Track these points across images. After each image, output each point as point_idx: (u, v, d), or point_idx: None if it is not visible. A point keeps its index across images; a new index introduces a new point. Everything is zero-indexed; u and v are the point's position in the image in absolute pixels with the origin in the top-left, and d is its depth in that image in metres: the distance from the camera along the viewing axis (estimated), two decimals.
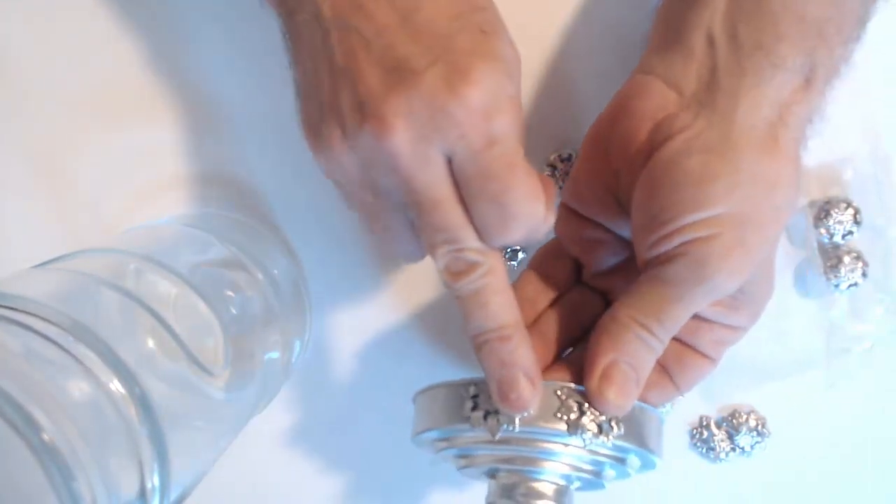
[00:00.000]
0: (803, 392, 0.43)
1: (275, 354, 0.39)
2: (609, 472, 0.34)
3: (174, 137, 0.44)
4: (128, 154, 0.44)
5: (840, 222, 0.41)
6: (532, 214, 0.30)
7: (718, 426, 0.44)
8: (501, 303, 0.31)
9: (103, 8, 0.43)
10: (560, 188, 0.42)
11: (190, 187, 0.44)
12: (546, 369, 0.35)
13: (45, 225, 0.44)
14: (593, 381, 0.31)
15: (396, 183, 0.30)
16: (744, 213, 0.30)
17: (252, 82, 0.43)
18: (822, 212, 0.41)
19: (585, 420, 0.31)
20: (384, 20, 0.29)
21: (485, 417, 0.32)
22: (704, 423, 0.44)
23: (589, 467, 0.33)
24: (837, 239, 0.41)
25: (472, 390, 0.33)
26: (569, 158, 0.42)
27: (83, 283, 0.32)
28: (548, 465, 0.32)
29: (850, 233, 0.41)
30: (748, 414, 0.43)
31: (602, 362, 0.32)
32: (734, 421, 0.43)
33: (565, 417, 0.31)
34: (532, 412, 0.31)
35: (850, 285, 0.42)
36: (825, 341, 0.43)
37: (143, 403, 0.28)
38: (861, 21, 0.31)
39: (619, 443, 0.31)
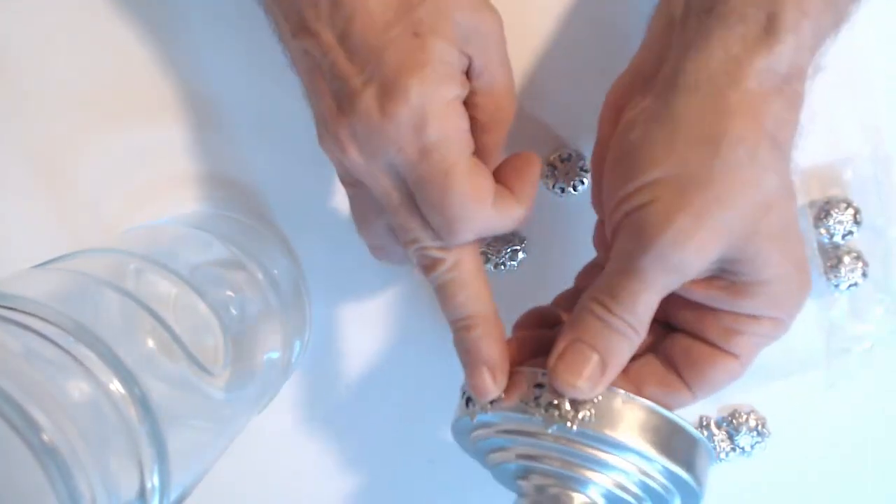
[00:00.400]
0: (803, 392, 0.43)
1: (275, 354, 0.39)
2: None
3: (174, 137, 0.44)
4: (128, 154, 0.44)
5: (840, 222, 0.41)
6: (475, 216, 0.31)
7: (718, 426, 0.44)
8: (468, 295, 0.33)
9: (104, 8, 0.43)
10: (562, 189, 0.42)
11: (190, 187, 0.44)
12: None
13: (45, 225, 0.44)
14: (550, 361, 0.31)
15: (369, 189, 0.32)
16: (686, 175, 0.28)
17: (252, 82, 0.43)
18: (822, 212, 0.41)
19: (543, 399, 0.30)
20: (326, 40, 0.30)
21: (466, 403, 0.33)
22: (704, 423, 0.44)
23: (632, 488, 0.31)
24: (837, 239, 0.41)
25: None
26: (569, 158, 0.42)
27: (83, 283, 0.32)
28: (584, 474, 0.31)
29: (850, 233, 0.41)
30: (748, 414, 0.43)
31: (561, 344, 0.31)
32: (734, 421, 0.43)
33: (528, 398, 0.31)
34: (502, 397, 0.32)
35: (850, 285, 0.42)
36: (825, 341, 0.43)
37: (143, 403, 0.28)
38: None
39: (591, 431, 0.30)
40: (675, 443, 0.31)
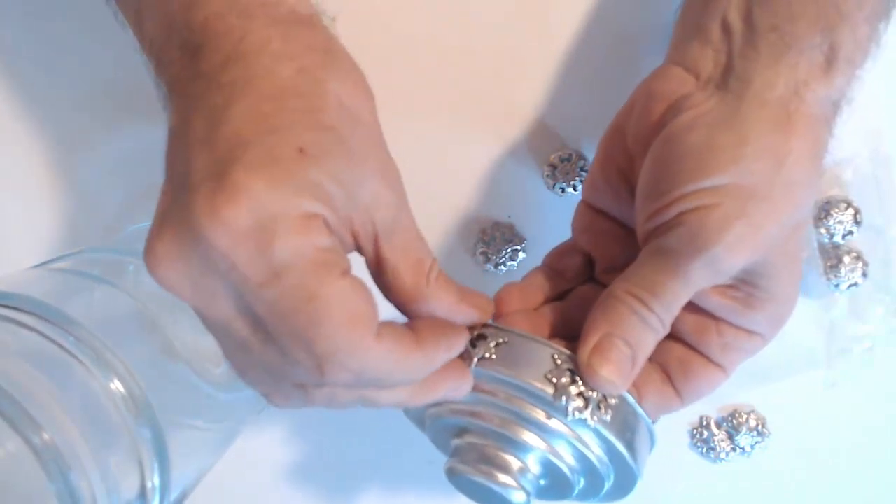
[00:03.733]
0: (803, 392, 0.43)
1: None
2: (580, 481, 0.32)
3: None
4: (128, 154, 0.44)
5: (840, 222, 0.41)
6: (354, 351, 0.25)
7: (718, 426, 0.44)
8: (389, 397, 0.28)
9: (104, 8, 0.43)
10: (562, 189, 0.42)
11: None
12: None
13: (45, 225, 0.44)
14: (584, 353, 0.30)
15: None
16: (749, 185, 0.28)
17: None
18: (822, 212, 0.41)
19: (573, 389, 0.29)
20: (196, 119, 0.26)
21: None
22: (704, 423, 0.44)
23: (568, 459, 0.31)
24: (837, 239, 0.41)
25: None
26: (569, 158, 0.42)
27: (83, 283, 0.32)
28: (523, 437, 0.30)
29: (850, 233, 0.41)
30: (748, 414, 0.43)
31: (595, 336, 0.30)
32: (734, 421, 0.43)
33: (554, 380, 0.29)
34: (522, 366, 0.30)
35: (850, 285, 0.42)
36: (825, 341, 0.43)
37: (143, 403, 0.28)
38: None
39: (603, 431, 0.29)
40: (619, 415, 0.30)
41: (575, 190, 0.42)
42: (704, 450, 0.44)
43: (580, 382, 0.30)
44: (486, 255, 0.43)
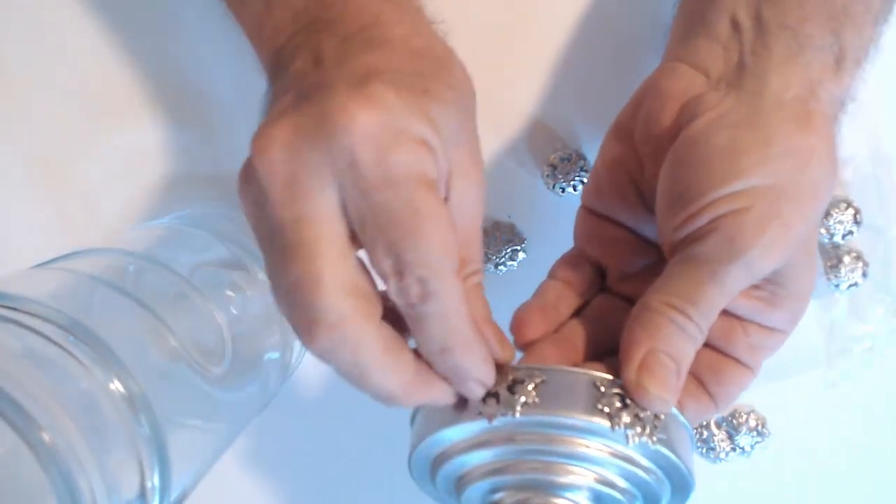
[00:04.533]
0: (803, 392, 0.43)
1: (275, 354, 0.39)
2: None
3: (174, 137, 0.44)
4: (128, 154, 0.44)
5: (840, 222, 0.41)
6: (438, 268, 0.25)
7: (718, 426, 0.44)
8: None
9: (102, 8, 0.43)
10: (562, 189, 0.42)
11: (190, 187, 0.44)
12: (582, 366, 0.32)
13: (45, 225, 0.44)
14: (631, 372, 0.29)
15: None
16: (778, 186, 0.28)
17: (252, 82, 0.43)
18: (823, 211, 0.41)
19: (626, 414, 0.28)
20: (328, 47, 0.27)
21: (484, 400, 0.28)
22: (704, 423, 0.44)
23: (623, 484, 0.29)
24: (837, 239, 0.41)
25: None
26: (569, 158, 0.42)
27: (83, 283, 0.32)
28: (570, 477, 0.28)
29: (850, 233, 0.41)
30: (748, 414, 0.43)
31: (639, 353, 0.29)
32: (734, 421, 0.43)
33: (606, 409, 0.28)
34: (568, 402, 0.28)
35: (850, 285, 0.42)
36: (825, 341, 0.43)
37: (143, 403, 0.28)
38: (888, 0, 0.31)
39: (662, 449, 0.28)
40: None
41: (575, 190, 0.42)
42: (704, 450, 0.44)
43: (631, 405, 0.28)
44: (486, 255, 0.43)
